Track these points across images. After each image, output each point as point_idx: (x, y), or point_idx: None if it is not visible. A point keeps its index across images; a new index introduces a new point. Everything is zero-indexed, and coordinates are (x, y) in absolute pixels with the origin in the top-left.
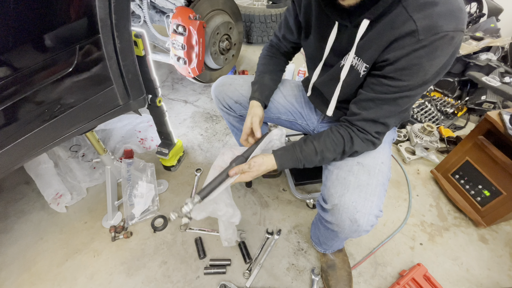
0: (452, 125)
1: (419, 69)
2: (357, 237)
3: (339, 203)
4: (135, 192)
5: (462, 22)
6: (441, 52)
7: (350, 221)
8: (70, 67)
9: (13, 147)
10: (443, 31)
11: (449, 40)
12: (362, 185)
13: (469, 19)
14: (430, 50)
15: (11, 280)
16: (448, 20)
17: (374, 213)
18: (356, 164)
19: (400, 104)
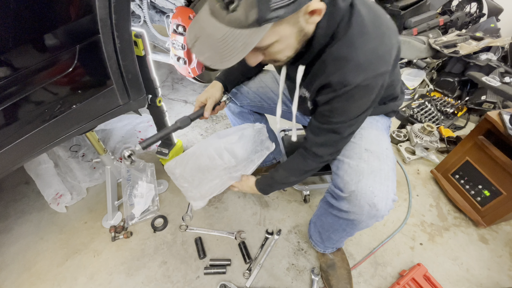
0: (452, 125)
1: (344, 111)
2: (372, 225)
3: (356, 189)
4: (135, 192)
5: (374, 70)
6: (358, 97)
7: (369, 206)
8: (70, 67)
9: (13, 147)
10: (352, 84)
11: (363, 88)
12: (376, 171)
13: (469, 19)
14: (347, 97)
15: (11, 280)
16: (356, 74)
17: (391, 197)
18: (365, 151)
19: (340, 132)
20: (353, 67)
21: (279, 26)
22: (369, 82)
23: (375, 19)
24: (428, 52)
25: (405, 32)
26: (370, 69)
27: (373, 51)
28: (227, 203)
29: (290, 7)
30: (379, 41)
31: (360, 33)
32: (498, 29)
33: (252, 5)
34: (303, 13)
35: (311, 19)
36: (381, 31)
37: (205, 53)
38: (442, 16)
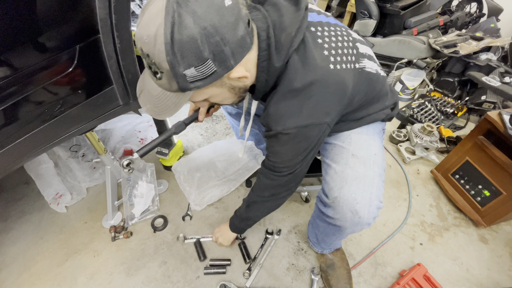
0: (452, 125)
1: (277, 152)
2: (360, 231)
3: (338, 195)
4: (135, 192)
5: (290, 123)
6: (284, 142)
7: (351, 213)
8: (70, 67)
9: (13, 147)
10: (273, 130)
11: (286, 135)
12: (360, 177)
13: (469, 19)
14: (275, 140)
15: (11, 280)
16: (276, 123)
17: (375, 204)
18: (351, 156)
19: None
20: (275, 117)
21: (205, 89)
22: (289, 131)
23: (307, 77)
24: (428, 52)
25: (405, 32)
26: (288, 121)
27: (296, 107)
28: (227, 203)
29: (207, 80)
30: (303, 98)
31: (287, 89)
32: (498, 29)
33: (171, 79)
34: (227, 78)
35: (240, 80)
36: (312, 89)
37: (147, 104)
38: (442, 16)
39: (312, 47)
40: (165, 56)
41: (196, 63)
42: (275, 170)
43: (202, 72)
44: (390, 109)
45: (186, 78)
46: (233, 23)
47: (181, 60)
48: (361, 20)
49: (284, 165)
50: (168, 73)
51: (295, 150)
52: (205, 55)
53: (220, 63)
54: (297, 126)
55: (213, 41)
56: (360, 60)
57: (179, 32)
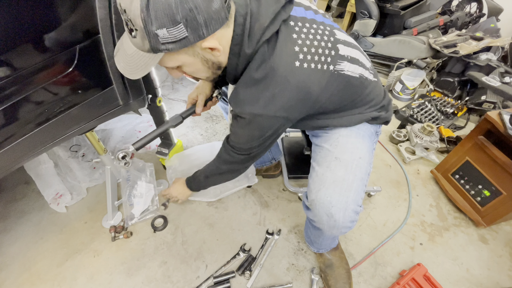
0: (452, 125)
1: (235, 133)
2: (341, 234)
3: (315, 198)
4: (134, 192)
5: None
6: (241, 124)
7: (327, 216)
8: (70, 67)
9: (13, 147)
10: (233, 111)
11: (242, 118)
12: (338, 181)
13: (469, 19)
14: (235, 121)
15: (11, 280)
16: (235, 104)
17: (351, 208)
18: (334, 159)
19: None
20: (235, 99)
21: (177, 54)
22: (244, 116)
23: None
24: (428, 52)
25: (405, 32)
26: (245, 106)
27: (253, 95)
28: (227, 203)
29: (177, 44)
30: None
31: (247, 77)
32: (498, 29)
33: (144, 37)
34: (199, 48)
35: (213, 53)
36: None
37: (120, 63)
38: (442, 16)
39: (283, 41)
40: (139, 12)
41: (168, 24)
42: (234, 148)
43: (173, 35)
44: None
45: (158, 38)
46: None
47: (154, 20)
48: (361, 20)
49: (240, 146)
50: (142, 31)
51: (249, 135)
52: (178, 18)
53: (192, 29)
54: (251, 113)
55: (187, 6)
56: (338, 62)
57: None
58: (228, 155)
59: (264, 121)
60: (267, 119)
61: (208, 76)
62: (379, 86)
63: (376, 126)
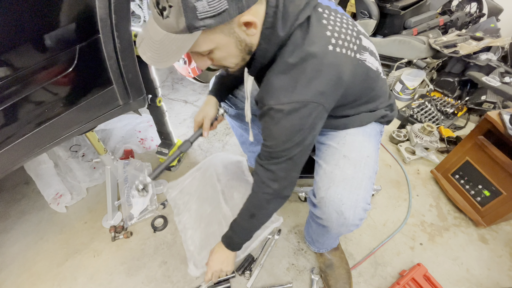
0: (452, 125)
1: (271, 133)
2: (348, 232)
3: (325, 196)
4: (133, 193)
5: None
6: (278, 120)
7: (337, 213)
8: (70, 67)
9: (13, 147)
10: (267, 105)
11: (279, 112)
12: (348, 179)
13: (469, 19)
14: (268, 119)
15: (11, 280)
16: (269, 96)
17: (361, 206)
18: (343, 157)
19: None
20: (268, 90)
21: (213, 34)
22: (282, 107)
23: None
24: (428, 52)
25: (405, 32)
26: (282, 96)
27: (290, 81)
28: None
29: (217, 18)
30: (298, 74)
31: (283, 62)
32: (498, 29)
33: (180, 14)
34: (236, 24)
35: (248, 31)
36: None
37: (147, 53)
38: (442, 16)
39: (315, 25)
40: None
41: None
42: (273, 156)
43: (213, 7)
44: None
45: (196, 12)
46: None
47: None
48: (361, 20)
49: (281, 149)
50: (178, 5)
51: (289, 130)
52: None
53: (233, 0)
54: (290, 102)
55: None
56: (362, 52)
57: None
58: (269, 172)
59: (304, 110)
60: (307, 106)
61: (237, 62)
62: (386, 84)
63: (381, 126)
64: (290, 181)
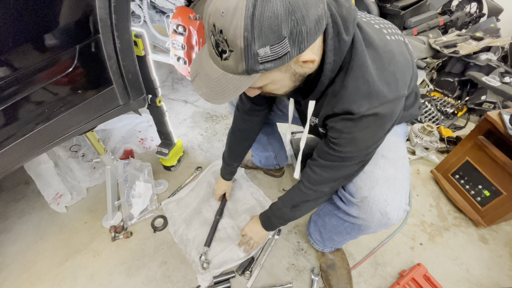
0: (452, 125)
1: (353, 140)
2: (378, 232)
3: (369, 195)
4: (132, 193)
5: (378, 98)
6: (368, 125)
7: (381, 214)
8: (70, 67)
9: (13, 147)
10: (358, 113)
11: (372, 116)
12: (391, 179)
13: (469, 19)
14: (353, 125)
15: (11, 280)
16: (359, 103)
17: (403, 207)
18: (381, 157)
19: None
20: (354, 97)
21: (269, 73)
22: (377, 110)
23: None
24: (428, 52)
25: (405, 32)
26: (374, 98)
27: (375, 81)
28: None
29: (277, 61)
30: (382, 68)
31: (360, 65)
32: (498, 29)
33: (241, 59)
34: (294, 62)
35: (305, 65)
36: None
37: (202, 88)
38: (442, 16)
39: (364, 23)
40: (243, 31)
41: (273, 41)
42: (345, 160)
43: (276, 52)
44: (418, 108)
45: (257, 57)
46: (315, 1)
47: (258, 37)
48: None
49: (359, 153)
50: (240, 51)
51: (377, 134)
52: (284, 33)
53: (294, 43)
54: (384, 103)
55: (294, 18)
56: (399, 35)
57: (262, 5)
58: (331, 172)
59: (396, 106)
60: (398, 102)
61: (287, 90)
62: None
63: (407, 126)
64: (351, 179)
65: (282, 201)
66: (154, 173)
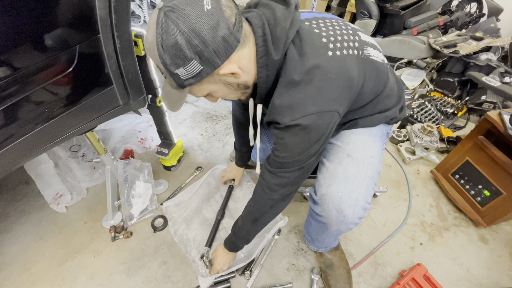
0: (452, 125)
1: (286, 146)
2: (347, 231)
3: (325, 193)
4: (132, 193)
5: (298, 112)
6: (295, 133)
7: (336, 211)
8: (70, 67)
9: (13, 147)
10: (282, 123)
11: (296, 126)
12: (350, 177)
13: (469, 19)
14: (284, 133)
15: (11, 280)
16: (283, 115)
17: (361, 205)
18: (346, 156)
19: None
20: (280, 109)
21: (201, 85)
22: (298, 122)
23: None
24: (428, 52)
25: (405, 32)
26: (294, 111)
27: (298, 95)
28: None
29: (197, 77)
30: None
31: (287, 81)
32: (498, 29)
33: (170, 77)
34: (218, 75)
35: (234, 76)
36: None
37: (164, 100)
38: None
39: (308, 37)
40: (159, 59)
41: (183, 63)
42: (285, 166)
43: (190, 72)
44: (398, 111)
45: (179, 76)
46: (213, 26)
47: (171, 62)
48: (361, 20)
49: (295, 159)
50: (166, 73)
51: (306, 142)
52: (189, 56)
53: (205, 62)
54: (305, 115)
55: (194, 43)
56: (364, 47)
57: (166, 38)
58: (279, 179)
59: (320, 120)
60: (322, 116)
61: (239, 96)
62: (398, 80)
63: (389, 127)
64: (298, 186)
65: (242, 219)
66: (154, 173)
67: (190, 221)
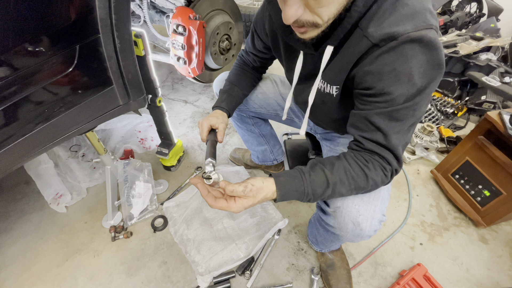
0: (452, 125)
1: (396, 76)
2: (359, 241)
3: (341, 205)
4: (132, 193)
5: (424, 20)
6: (412, 53)
7: (353, 224)
8: (70, 67)
9: (13, 147)
10: (401, 34)
11: (416, 39)
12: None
13: (469, 19)
14: (397, 54)
15: (11, 280)
16: (402, 24)
17: (377, 217)
18: None
19: (399, 118)
20: (396, 18)
21: None
22: (424, 33)
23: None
24: None
25: None
26: (420, 18)
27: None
28: None
29: None
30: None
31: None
32: (498, 29)
33: None
34: None
35: None
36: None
37: None
38: (442, 16)
39: None
40: None
41: None
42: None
43: None
44: None
45: None
46: None
47: None
48: None
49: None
50: None
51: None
52: None
53: None
54: (429, 27)
55: None
56: None
57: None
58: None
59: (438, 38)
60: (439, 34)
61: (334, 13)
62: None
63: None
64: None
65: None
66: (154, 173)
67: (191, 221)
